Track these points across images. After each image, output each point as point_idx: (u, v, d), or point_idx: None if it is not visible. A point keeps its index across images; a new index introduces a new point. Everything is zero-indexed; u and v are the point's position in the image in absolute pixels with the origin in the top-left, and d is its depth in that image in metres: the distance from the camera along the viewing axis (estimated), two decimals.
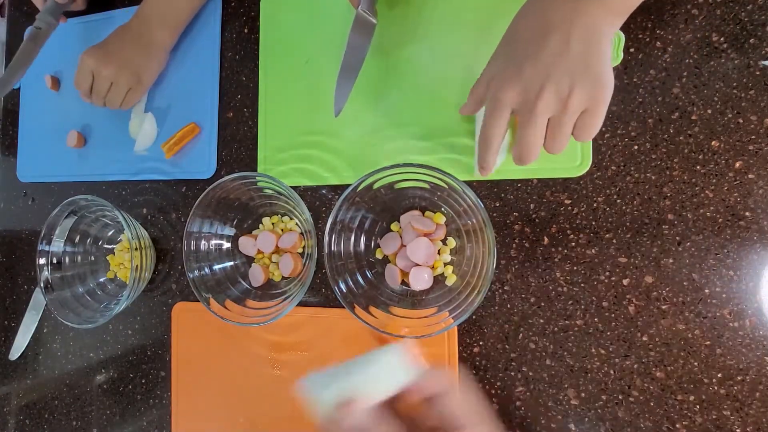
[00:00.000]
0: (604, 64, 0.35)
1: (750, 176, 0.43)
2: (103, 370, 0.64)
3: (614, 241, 0.46)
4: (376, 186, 0.47)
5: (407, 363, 0.33)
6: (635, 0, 0.37)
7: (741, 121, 0.44)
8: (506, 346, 0.49)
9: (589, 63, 0.35)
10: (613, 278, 0.46)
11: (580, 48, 0.35)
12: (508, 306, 0.49)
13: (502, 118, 0.38)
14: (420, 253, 0.48)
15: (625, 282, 0.46)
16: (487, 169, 0.42)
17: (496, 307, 0.49)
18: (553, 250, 0.48)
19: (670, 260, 0.45)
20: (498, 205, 0.50)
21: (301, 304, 0.54)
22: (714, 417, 0.43)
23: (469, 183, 0.50)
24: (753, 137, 0.43)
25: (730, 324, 0.43)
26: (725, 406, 0.43)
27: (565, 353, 0.47)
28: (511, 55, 0.38)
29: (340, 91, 0.49)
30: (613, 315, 0.46)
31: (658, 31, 0.46)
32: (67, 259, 0.62)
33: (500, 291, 0.49)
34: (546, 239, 0.48)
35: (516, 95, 0.36)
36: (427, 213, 0.50)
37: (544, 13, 0.36)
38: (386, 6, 0.53)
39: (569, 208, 0.48)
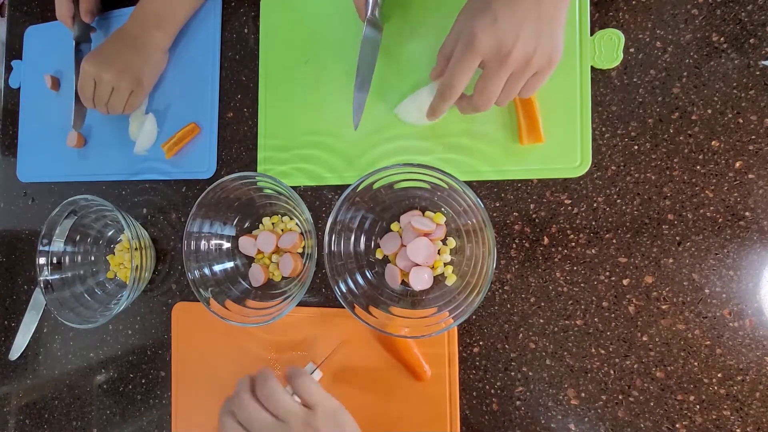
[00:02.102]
0: (561, 31, 0.39)
1: (750, 176, 0.43)
2: (103, 370, 0.64)
3: (614, 241, 0.46)
4: (376, 186, 0.47)
5: None
6: None
7: (741, 121, 0.44)
8: (506, 346, 0.49)
9: (553, 28, 0.38)
10: (613, 278, 0.46)
11: (549, 12, 0.37)
12: (508, 306, 0.49)
13: (473, 64, 0.39)
14: (420, 253, 0.48)
15: (625, 282, 0.46)
16: (438, 116, 0.45)
17: (496, 307, 0.49)
18: (553, 250, 0.48)
19: (670, 260, 0.45)
20: (498, 205, 0.50)
21: (301, 304, 0.54)
22: (714, 417, 0.43)
23: (469, 183, 0.50)
24: (753, 137, 0.43)
25: (730, 324, 0.43)
26: (725, 406, 0.43)
27: (565, 353, 0.47)
28: (484, 6, 0.38)
29: (358, 104, 0.49)
30: (613, 315, 0.46)
31: (658, 31, 0.46)
32: (67, 259, 0.62)
33: (500, 291, 0.49)
34: (546, 239, 0.48)
35: (490, 44, 0.37)
36: (427, 213, 0.50)
37: None
38: (387, 5, 0.53)
39: (569, 208, 0.48)
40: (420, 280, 0.49)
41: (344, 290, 0.47)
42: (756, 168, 0.43)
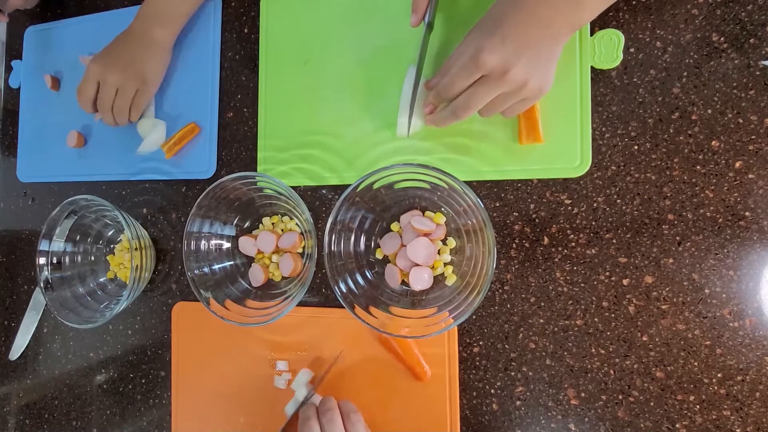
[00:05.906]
0: (555, 66, 0.42)
1: (750, 176, 0.43)
2: (103, 370, 0.64)
3: (614, 241, 0.46)
4: (376, 186, 0.47)
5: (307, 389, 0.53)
6: (585, 21, 0.42)
7: (741, 121, 0.44)
8: (506, 346, 0.49)
9: (550, 61, 0.41)
10: (613, 278, 0.46)
11: (549, 47, 0.41)
12: (508, 306, 0.49)
13: (474, 74, 0.41)
14: (420, 253, 0.48)
15: (625, 282, 0.46)
16: (436, 119, 0.47)
17: (496, 307, 0.49)
18: (553, 250, 0.48)
19: (670, 260, 0.45)
20: (498, 205, 0.50)
21: (301, 304, 0.54)
22: (714, 417, 0.43)
23: (469, 183, 0.50)
24: (753, 137, 0.43)
25: (730, 324, 0.43)
26: (725, 406, 0.43)
27: (565, 353, 0.47)
28: (494, 27, 0.40)
29: (416, 111, 0.49)
30: (613, 315, 0.46)
31: (658, 31, 0.46)
32: (67, 259, 0.62)
33: (500, 291, 0.49)
34: (546, 239, 0.48)
35: (495, 61, 0.39)
36: (427, 213, 0.50)
37: (526, 5, 0.39)
38: (386, 5, 0.53)
39: (569, 208, 0.48)
40: (420, 280, 0.49)
41: (344, 290, 0.47)
42: (756, 168, 0.43)
